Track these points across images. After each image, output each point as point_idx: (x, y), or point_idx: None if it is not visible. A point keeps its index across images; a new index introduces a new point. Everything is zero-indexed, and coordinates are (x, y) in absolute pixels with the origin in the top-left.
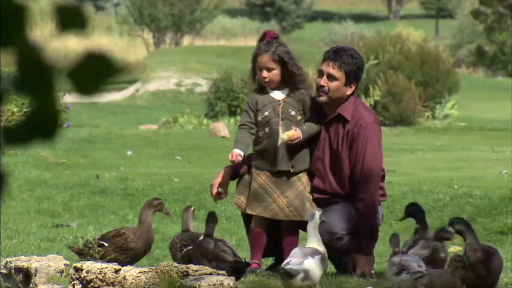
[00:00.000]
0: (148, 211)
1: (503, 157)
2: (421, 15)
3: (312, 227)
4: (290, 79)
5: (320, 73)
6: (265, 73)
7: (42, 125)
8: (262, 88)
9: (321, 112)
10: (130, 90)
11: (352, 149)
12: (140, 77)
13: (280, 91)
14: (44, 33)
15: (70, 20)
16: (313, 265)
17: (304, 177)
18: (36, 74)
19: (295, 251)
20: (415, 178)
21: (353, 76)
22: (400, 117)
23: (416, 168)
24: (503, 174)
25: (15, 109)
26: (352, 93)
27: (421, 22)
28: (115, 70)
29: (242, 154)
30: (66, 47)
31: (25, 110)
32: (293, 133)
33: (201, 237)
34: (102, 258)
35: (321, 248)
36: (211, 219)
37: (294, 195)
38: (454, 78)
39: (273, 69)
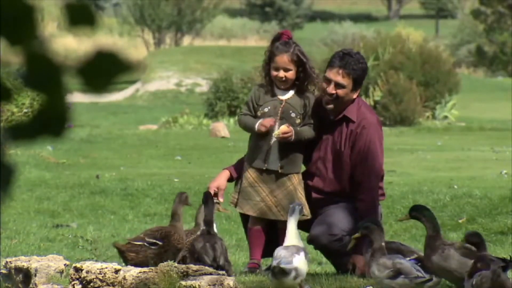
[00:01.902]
0: (180, 206)
1: (503, 157)
2: (421, 15)
3: (292, 222)
4: (302, 80)
5: (328, 81)
6: (282, 73)
7: (51, 122)
8: (269, 85)
9: (324, 114)
10: (130, 90)
11: (354, 149)
12: (140, 77)
13: (285, 92)
14: (50, 31)
15: (79, 17)
16: (301, 262)
17: (295, 178)
18: (45, 72)
19: (280, 252)
20: (415, 178)
21: (359, 81)
22: (400, 117)
23: (416, 168)
24: (503, 174)
25: (15, 109)
26: (357, 96)
27: (421, 22)
28: (124, 68)
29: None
30: (67, 46)
31: (25, 110)
32: (285, 129)
33: (201, 228)
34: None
35: (301, 244)
36: (208, 200)
37: (283, 195)
38: (455, 79)
39: (290, 69)
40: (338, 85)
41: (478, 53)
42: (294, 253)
